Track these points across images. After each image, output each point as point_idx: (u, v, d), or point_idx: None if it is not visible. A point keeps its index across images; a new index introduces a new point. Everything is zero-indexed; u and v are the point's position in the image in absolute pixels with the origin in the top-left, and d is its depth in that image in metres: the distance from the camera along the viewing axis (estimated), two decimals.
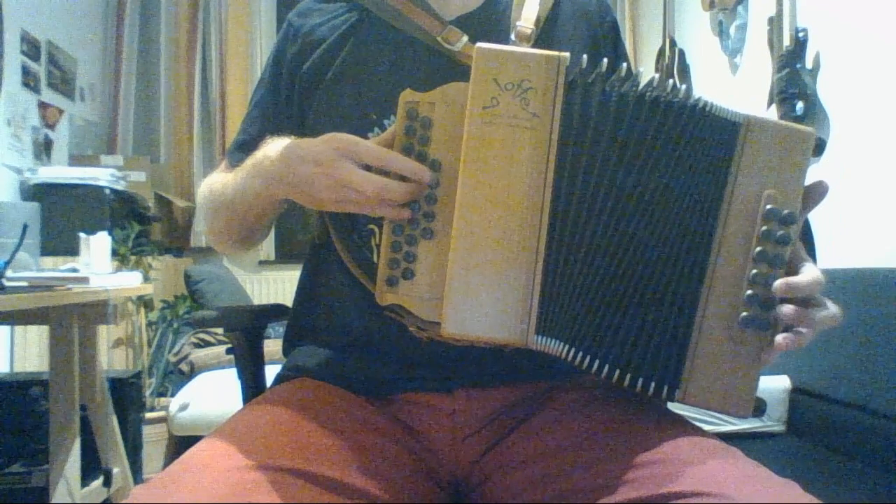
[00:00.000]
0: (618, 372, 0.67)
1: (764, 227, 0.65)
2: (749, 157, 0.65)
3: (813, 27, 2.21)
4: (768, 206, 0.65)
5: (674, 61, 3.08)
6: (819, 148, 2.12)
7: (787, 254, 0.65)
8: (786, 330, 0.64)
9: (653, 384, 0.67)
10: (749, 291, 0.65)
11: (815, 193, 0.67)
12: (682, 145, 0.65)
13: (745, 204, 0.66)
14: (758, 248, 0.65)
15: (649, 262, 0.66)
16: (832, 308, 0.65)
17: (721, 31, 2.86)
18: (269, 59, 0.95)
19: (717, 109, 0.66)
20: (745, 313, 0.65)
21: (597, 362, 0.67)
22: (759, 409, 0.67)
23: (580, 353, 0.67)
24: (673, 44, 3.12)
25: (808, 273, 0.65)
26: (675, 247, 0.66)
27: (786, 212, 0.65)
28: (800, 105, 2.15)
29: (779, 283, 0.63)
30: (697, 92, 0.67)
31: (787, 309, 0.63)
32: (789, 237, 0.65)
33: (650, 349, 0.67)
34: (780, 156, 0.65)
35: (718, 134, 0.66)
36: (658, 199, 0.66)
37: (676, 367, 0.67)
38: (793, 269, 0.66)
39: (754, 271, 0.65)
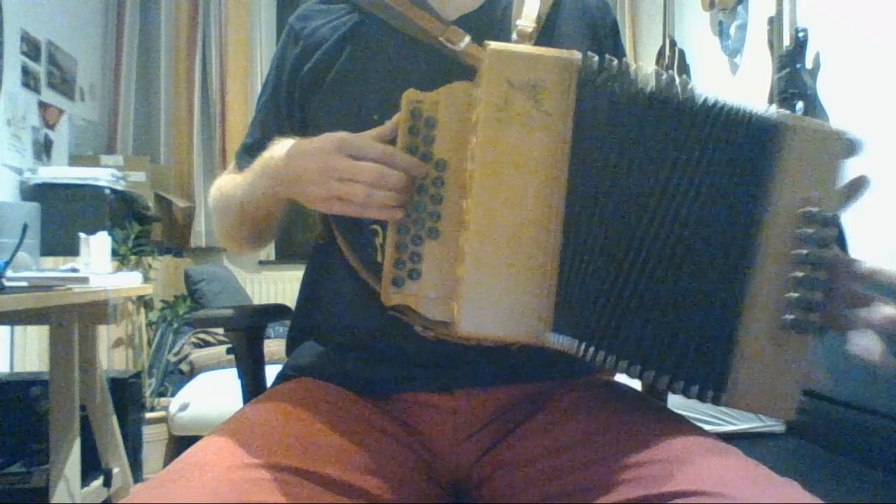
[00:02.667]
0: (653, 373, 0.66)
1: (805, 230, 0.64)
2: (790, 160, 0.65)
3: (813, 27, 2.21)
4: (808, 209, 0.65)
5: (674, 61, 3.08)
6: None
7: (828, 255, 0.65)
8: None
9: (696, 387, 0.66)
10: (794, 294, 0.65)
11: (856, 187, 0.66)
12: (710, 146, 0.64)
13: (785, 207, 0.65)
14: (800, 251, 0.65)
15: (682, 261, 0.65)
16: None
17: (721, 31, 2.86)
18: (272, 63, 0.96)
19: (746, 111, 0.65)
20: (789, 316, 0.65)
21: (615, 359, 0.66)
22: (803, 410, 0.67)
23: (596, 350, 0.66)
24: (673, 44, 3.12)
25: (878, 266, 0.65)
26: (712, 248, 0.65)
27: (826, 214, 0.64)
28: (800, 105, 2.15)
29: (865, 267, 0.64)
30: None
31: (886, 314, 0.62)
32: (830, 239, 0.64)
33: (691, 352, 0.66)
34: (820, 158, 0.65)
35: (755, 136, 0.65)
36: (683, 200, 0.65)
37: (722, 371, 0.66)
38: (834, 268, 0.65)
39: (798, 274, 0.65)
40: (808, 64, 2.21)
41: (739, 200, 0.65)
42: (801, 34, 2.21)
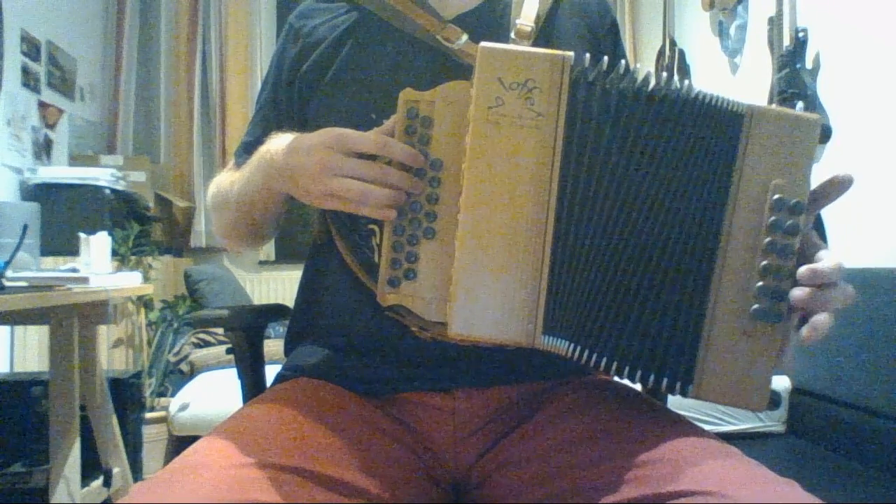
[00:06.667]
0: (627, 368, 0.66)
1: (772, 218, 0.64)
2: (754, 148, 0.65)
3: (813, 27, 2.21)
4: (776, 196, 0.64)
5: (674, 61, 3.08)
6: (825, 135, 2.10)
7: (796, 244, 0.64)
8: (801, 320, 0.63)
9: (665, 380, 0.66)
10: (760, 283, 0.64)
11: (837, 184, 0.65)
12: (684, 138, 0.65)
13: (752, 195, 0.65)
14: (767, 239, 0.64)
15: (656, 256, 0.66)
16: (845, 286, 0.63)
17: (721, 31, 2.86)
18: (272, 62, 0.96)
19: (719, 101, 0.65)
20: (756, 306, 0.64)
21: (604, 360, 0.66)
22: (774, 402, 0.66)
23: (587, 352, 0.66)
24: (673, 44, 3.12)
25: (830, 259, 0.63)
26: (683, 241, 0.66)
27: (794, 201, 0.64)
28: (800, 105, 2.15)
29: (803, 269, 0.62)
30: None
31: (799, 292, 0.61)
32: (798, 227, 0.64)
33: (660, 344, 0.66)
34: (785, 144, 0.64)
35: (722, 125, 0.65)
36: (663, 193, 0.65)
37: (689, 363, 0.66)
38: (807, 257, 0.65)
39: (764, 263, 0.64)
40: (808, 64, 2.21)
41: (709, 191, 0.65)
42: (801, 34, 2.21)
